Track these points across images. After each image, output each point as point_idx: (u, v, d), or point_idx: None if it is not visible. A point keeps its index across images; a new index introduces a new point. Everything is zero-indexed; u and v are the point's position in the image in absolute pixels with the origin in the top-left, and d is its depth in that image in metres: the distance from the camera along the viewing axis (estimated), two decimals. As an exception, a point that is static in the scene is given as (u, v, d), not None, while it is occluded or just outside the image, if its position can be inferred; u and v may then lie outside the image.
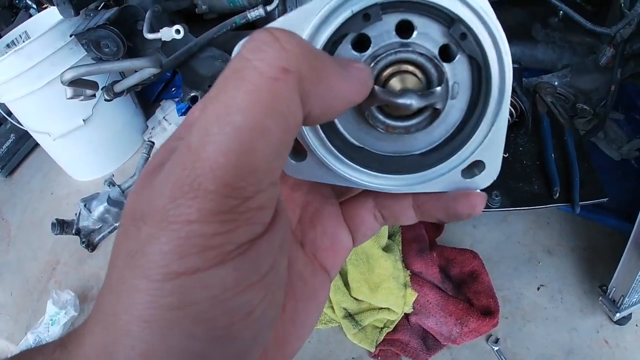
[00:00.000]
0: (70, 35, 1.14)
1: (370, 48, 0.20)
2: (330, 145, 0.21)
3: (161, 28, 1.00)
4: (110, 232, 1.57)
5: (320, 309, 0.24)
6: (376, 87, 0.19)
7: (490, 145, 0.21)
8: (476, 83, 0.20)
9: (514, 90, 0.96)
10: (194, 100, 1.14)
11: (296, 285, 0.22)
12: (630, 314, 1.03)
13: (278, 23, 0.19)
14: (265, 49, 0.14)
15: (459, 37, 0.19)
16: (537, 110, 1.00)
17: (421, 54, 0.19)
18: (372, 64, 0.19)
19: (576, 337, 1.07)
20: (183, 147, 0.14)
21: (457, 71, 0.20)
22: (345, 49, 0.20)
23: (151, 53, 1.11)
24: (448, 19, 0.19)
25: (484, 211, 0.94)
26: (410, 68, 0.20)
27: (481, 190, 0.23)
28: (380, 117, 0.20)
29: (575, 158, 0.89)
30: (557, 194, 0.85)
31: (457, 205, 0.22)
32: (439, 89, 0.19)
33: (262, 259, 0.15)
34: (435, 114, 0.20)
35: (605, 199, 0.85)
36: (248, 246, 0.15)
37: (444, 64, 0.20)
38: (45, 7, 1.68)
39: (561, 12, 1.17)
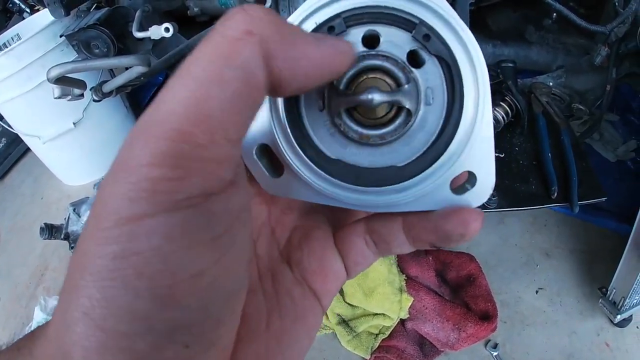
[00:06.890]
0: (61, 36, 1.13)
1: None
2: (305, 156, 0.20)
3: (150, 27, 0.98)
4: (101, 237, 1.54)
5: (310, 336, 0.23)
6: (341, 89, 0.19)
7: (476, 152, 0.20)
8: (449, 85, 0.20)
9: (509, 90, 0.95)
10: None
11: (283, 303, 0.22)
12: (631, 316, 1.01)
13: None
14: (232, 17, 0.15)
15: (422, 38, 0.19)
16: (532, 110, 0.99)
17: (387, 58, 0.19)
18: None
19: (576, 340, 1.04)
20: (152, 103, 0.15)
21: (429, 76, 0.20)
22: None
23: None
24: (411, 25, 0.19)
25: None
26: (378, 75, 0.20)
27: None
28: (353, 126, 0.20)
29: (572, 157, 0.88)
30: (555, 194, 0.84)
31: (447, 223, 0.20)
32: (406, 86, 0.19)
33: (216, 218, 0.15)
34: (409, 118, 0.19)
35: (603, 199, 0.84)
36: (201, 200, 0.14)
37: (414, 69, 0.20)
38: (39, 10, 1.68)
39: (554, 14, 1.17)
